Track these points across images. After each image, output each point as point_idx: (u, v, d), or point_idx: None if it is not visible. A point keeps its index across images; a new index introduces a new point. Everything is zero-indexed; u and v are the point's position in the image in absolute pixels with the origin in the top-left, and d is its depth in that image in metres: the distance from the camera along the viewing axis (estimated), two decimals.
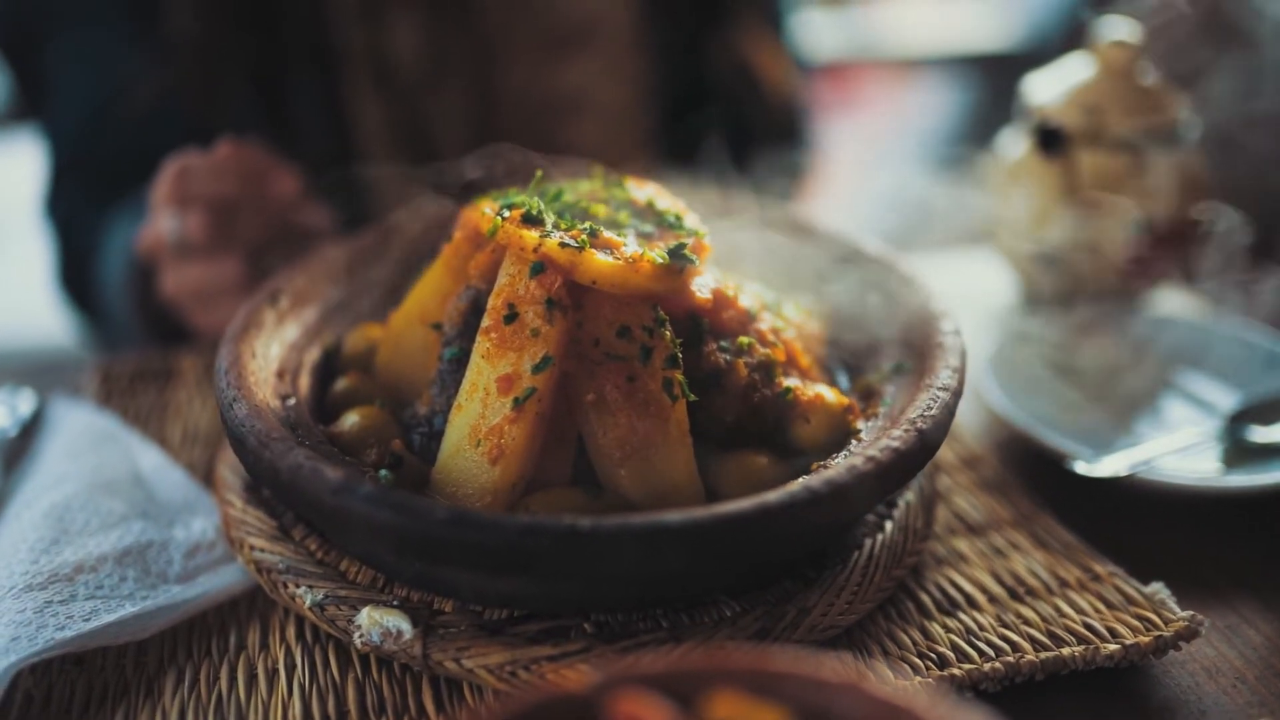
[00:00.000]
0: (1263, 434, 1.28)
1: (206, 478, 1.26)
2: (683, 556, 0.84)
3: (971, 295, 1.72)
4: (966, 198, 1.78)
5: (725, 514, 0.85)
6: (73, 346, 2.01)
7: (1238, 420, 1.30)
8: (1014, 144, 1.65)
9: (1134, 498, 1.23)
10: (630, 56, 2.01)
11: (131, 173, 1.77)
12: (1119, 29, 1.58)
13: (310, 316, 1.23)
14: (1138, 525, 1.21)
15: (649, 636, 0.94)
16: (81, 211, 1.83)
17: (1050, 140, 1.53)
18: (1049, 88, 1.61)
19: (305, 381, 1.15)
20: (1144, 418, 1.38)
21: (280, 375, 1.11)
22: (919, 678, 0.95)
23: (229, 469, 1.17)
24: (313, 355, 1.20)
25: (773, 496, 0.87)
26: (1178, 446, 1.25)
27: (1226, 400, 1.38)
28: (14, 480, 1.25)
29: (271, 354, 1.13)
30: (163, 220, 1.45)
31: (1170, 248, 1.56)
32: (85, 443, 1.28)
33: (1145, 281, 1.60)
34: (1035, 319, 1.51)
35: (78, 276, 1.86)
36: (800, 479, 0.91)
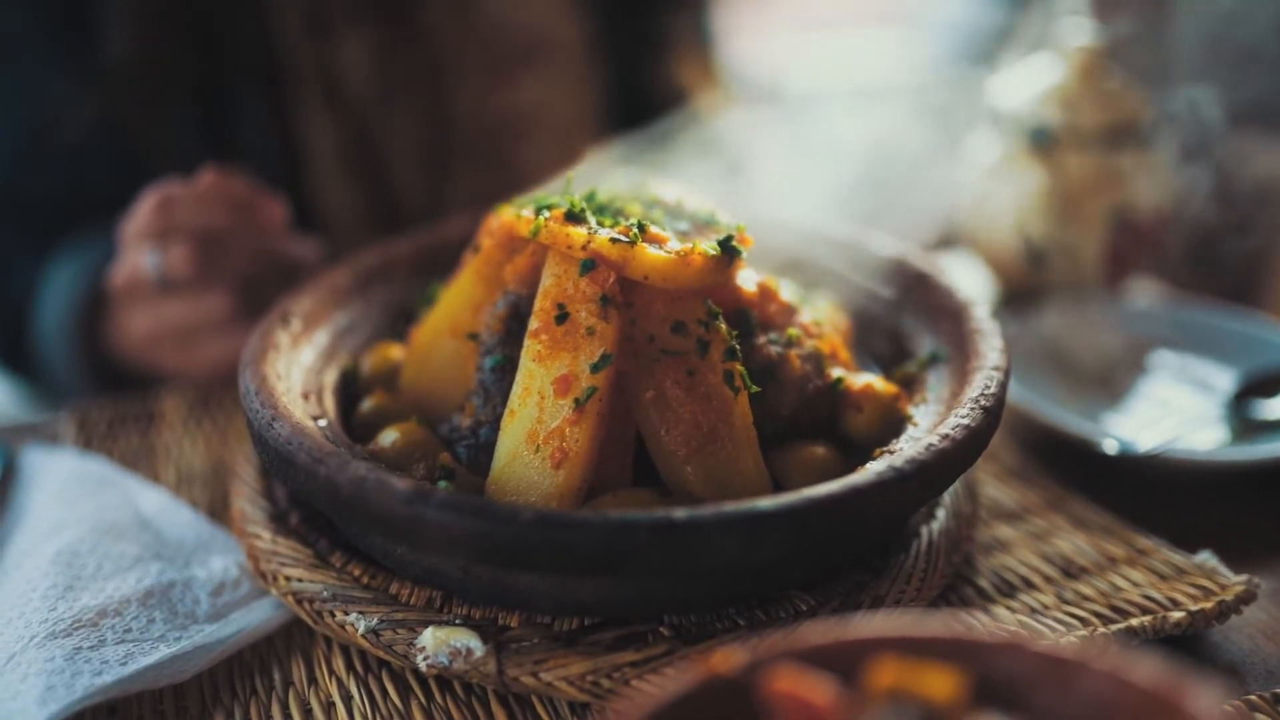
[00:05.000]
0: (1268, 409, 1.31)
1: (212, 516, 1.19)
2: (779, 543, 0.82)
3: None
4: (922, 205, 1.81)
5: (819, 497, 0.83)
6: (23, 403, 1.89)
7: (1242, 397, 1.34)
8: (988, 146, 1.68)
9: (1154, 477, 1.24)
10: (580, 75, 2.00)
11: (65, 214, 1.69)
12: (1084, 31, 1.63)
13: (322, 339, 1.18)
14: (1162, 502, 1.22)
15: (729, 636, 0.91)
16: (12, 259, 1.72)
17: (1043, 139, 1.56)
18: (1019, 90, 1.65)
19: (330, 402, 1.10)
20: (1146, 402, 1.40)
21: (305, 397, 1.07)
22: None
23: (247, 502, 1.11)
24: (331, 377, 1.15)
25: (861, 478, 0.86)
26: (1191, 425, 1.27)
27: (1222, 379, 1.41)
28: (1, 532, 1.17)
29: (293, 376, 1.08)
30: (142, 255, 1.37)
31: (1147, 241, 1.61)
32: (78, 489, 1.20)
33: (1125, 275, 1.64)
34: (1029, 315, 1.53)
35: (9, 330, 1.75)
36: (882, 461, 0.90)
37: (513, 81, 1.92)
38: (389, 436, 1.02)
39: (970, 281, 1.80)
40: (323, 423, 1.03)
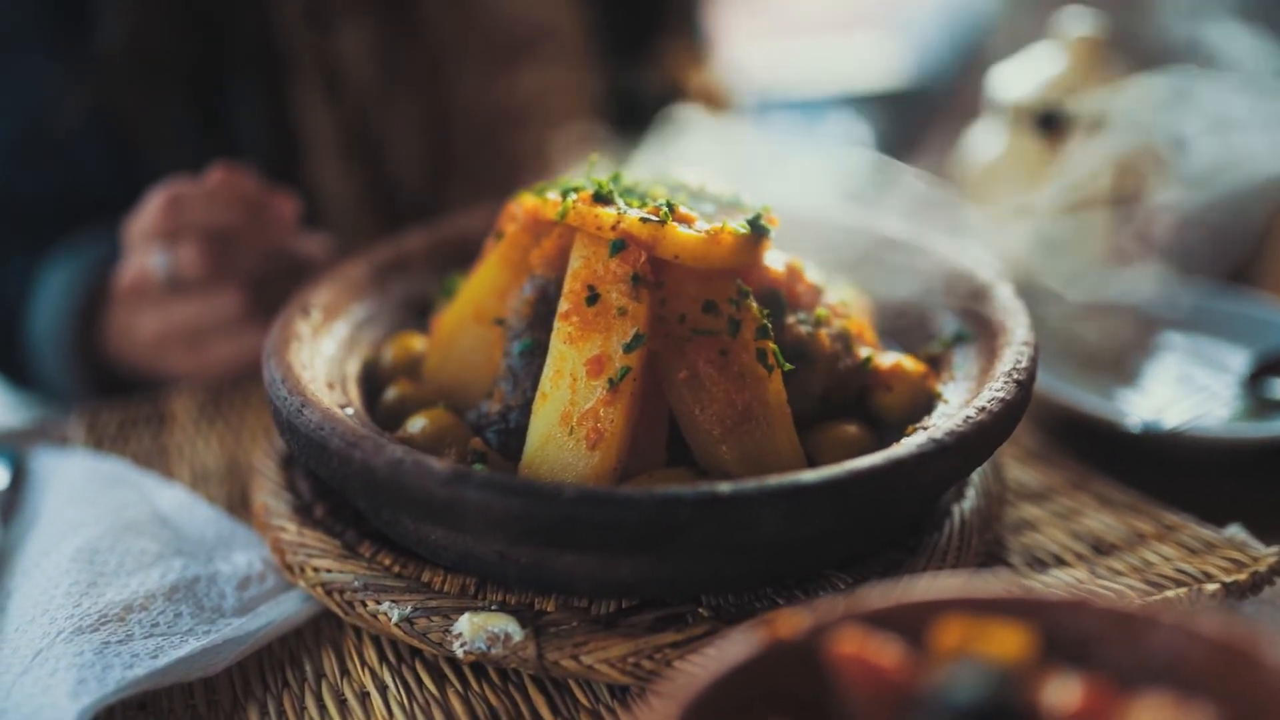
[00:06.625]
0: None
1: (230, 513, 1.18)
2: (822, 516, 0.82)
3: None
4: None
5: (861, 470, 0.83)
6: (30, 406, 1.86)
7: (1257, 377, 1.35)
8: (990, 138, 1.69)
9: (1172, 455, 1.25)
10: (579, 66, 2.00)
11: (59, 215, 1.66)
12: (1085, 22, 1.64)
13: (342, 331, 1.17)
14: (1182, 481, 1.22)
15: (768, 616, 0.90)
16: (4, 260, 1.67)
17: (1051, 122, 1.58)
18: (1021, 81, 1.66)
19: (354, 391, 1.09)
20: (1160, 384, 1.41)
21: (330, 387, 1.06)
22: None
23: (270, 495, 1.10)
24: (353, 367, 1.14)
25: (902, 451, 0.85)
26: (1207, 405, 1.28)
27: (1233, 360, 1.42)
28: (14, 533, 1.16)
29: (316, 366, 1.07)
30: (150, 255, 1.36)
31: (1153, 227, 1.62)
32: (93, 488, 1.19)
33: (1132, 260, 1.64)
34: (1039, 301, 1.54)
35: (2, 336, 1.72)
36: (921, 434, 0.89)
37: (512, 71, 1.91)
38: (418, 423, 1.01)
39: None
40: (349, 411, 1.02)
